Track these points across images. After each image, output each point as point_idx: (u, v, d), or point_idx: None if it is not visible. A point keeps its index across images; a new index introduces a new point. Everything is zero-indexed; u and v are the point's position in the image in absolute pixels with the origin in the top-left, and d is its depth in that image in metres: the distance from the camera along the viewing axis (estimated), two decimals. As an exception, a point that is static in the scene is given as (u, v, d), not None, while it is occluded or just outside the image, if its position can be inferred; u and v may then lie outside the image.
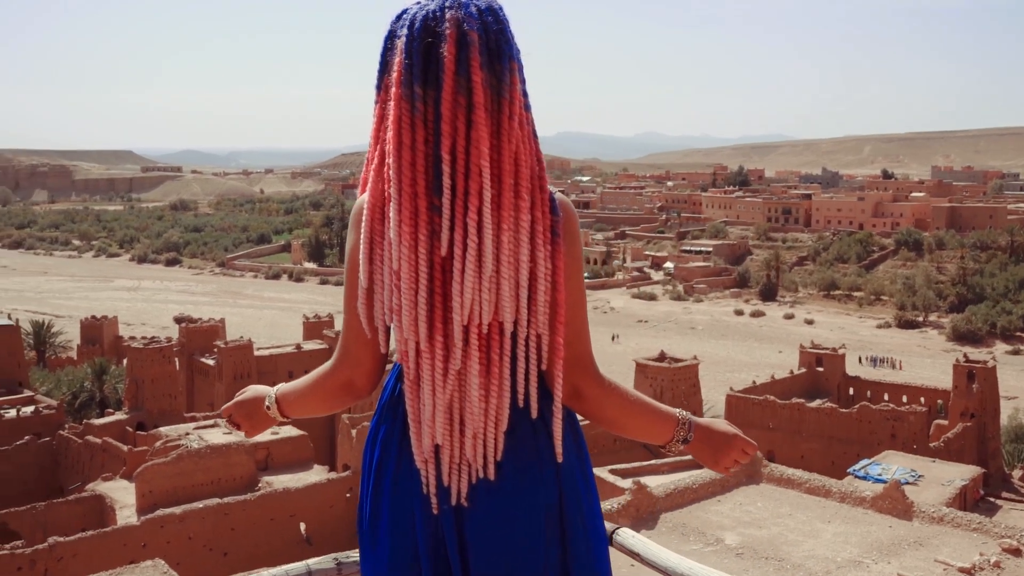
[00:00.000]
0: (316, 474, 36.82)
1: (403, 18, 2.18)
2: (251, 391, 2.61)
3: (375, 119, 2.26)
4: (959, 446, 42.97)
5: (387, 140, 2.16)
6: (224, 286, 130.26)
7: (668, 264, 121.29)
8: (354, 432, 37.07)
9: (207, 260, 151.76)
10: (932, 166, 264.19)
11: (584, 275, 2.45)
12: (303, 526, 33.22)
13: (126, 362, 52.84)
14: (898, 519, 22.42)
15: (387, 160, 2.16)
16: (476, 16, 2.12)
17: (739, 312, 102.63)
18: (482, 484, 2.22)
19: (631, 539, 2.97)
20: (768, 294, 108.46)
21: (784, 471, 25.38)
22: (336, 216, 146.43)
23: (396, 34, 2.19)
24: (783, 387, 50.96)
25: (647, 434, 2.43)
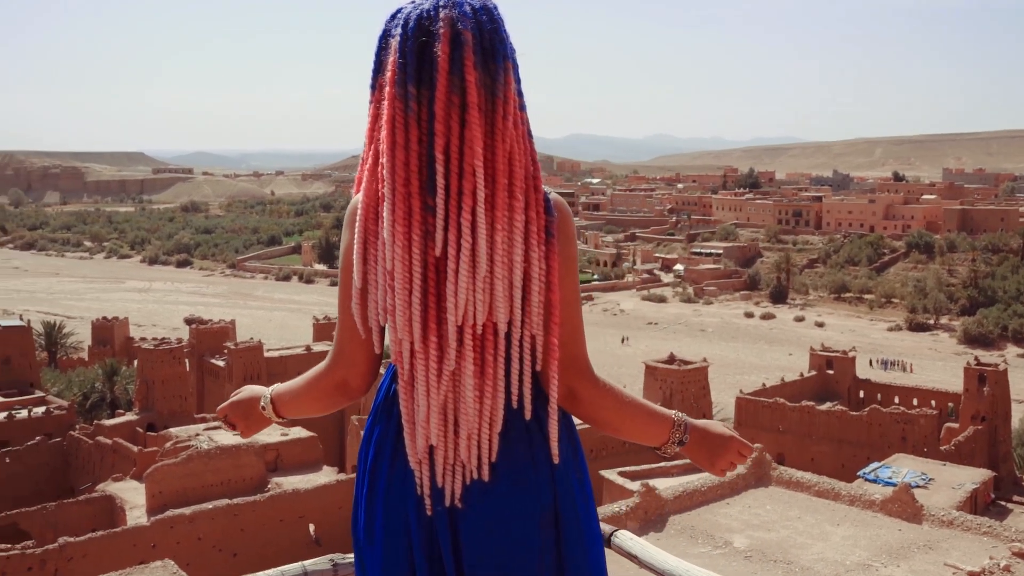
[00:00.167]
0: (326, 475, 36.84)
1: (397, 17, 2.17)
2: (246, 391, 2.61)
3: (369, 118, 2.25)
4: (970, 449, 42.81)
5: (381, 140, 2.16)
6: (234, 287, 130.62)
7: (678, 266, 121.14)
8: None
9: (218, 262, 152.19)
10: (943, 168, 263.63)
11: (579, 276, 2.43)
12: (312, 527, 33.23)
13: (137, 363, 53.00)
14: (907, 522, 22.33)
15: (381, 160, 2.16)
16: (470, 15, 2.11)
17: (749, 314, 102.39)
18: (476, 486, 2.21)
19: (629, 541, 2.96)
20: (778, 296, 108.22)
21: (793, 474, 25.31)
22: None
23: (390, 33, 2.18)
24: (793, 390, 50.82)
25: (642, 436, 2.41)
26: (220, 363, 55.54)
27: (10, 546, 27.86)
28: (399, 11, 2.18)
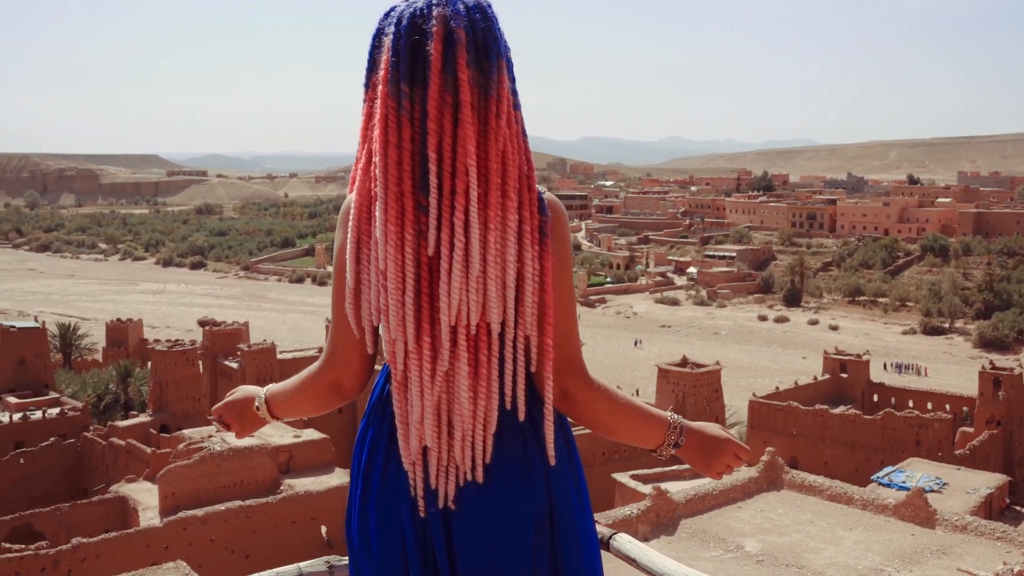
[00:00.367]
0: (338, 477, 36.87)
1: (390, 15, 2.16)
2: (241, 391, 2.61)
3: (363, 117, 2.24)
4: (985, 454, 42.55)
5: (374, 138, 2.14)
6: (248, 289, 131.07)
7: (691, 269, 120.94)
8: (375, 436, 37.09)
9: (231, 264, 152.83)
10: (958, 171, 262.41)
11: (574, 276, 2.41)
12: (324, 529, 33.27)
13: (150, 365, 53.24)
14: (921, 527, 22.21)
15: (374, 159, 2.14)
16: (464, 13, 2.09)
17: (763, 318, 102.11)
18: (470, 487, 2.19)
19: (628, 545, 2.94)
20: (792, 300, 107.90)
21: (805, 478, 25.21)
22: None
23: (384, 31, 2.16)
24: (807, 393, 50.61)
25: (638, 437, 2.39)
26: (233, 365, 55.74)
27: (24, 546, 28.04)
28: (392, 9, 2.16)
